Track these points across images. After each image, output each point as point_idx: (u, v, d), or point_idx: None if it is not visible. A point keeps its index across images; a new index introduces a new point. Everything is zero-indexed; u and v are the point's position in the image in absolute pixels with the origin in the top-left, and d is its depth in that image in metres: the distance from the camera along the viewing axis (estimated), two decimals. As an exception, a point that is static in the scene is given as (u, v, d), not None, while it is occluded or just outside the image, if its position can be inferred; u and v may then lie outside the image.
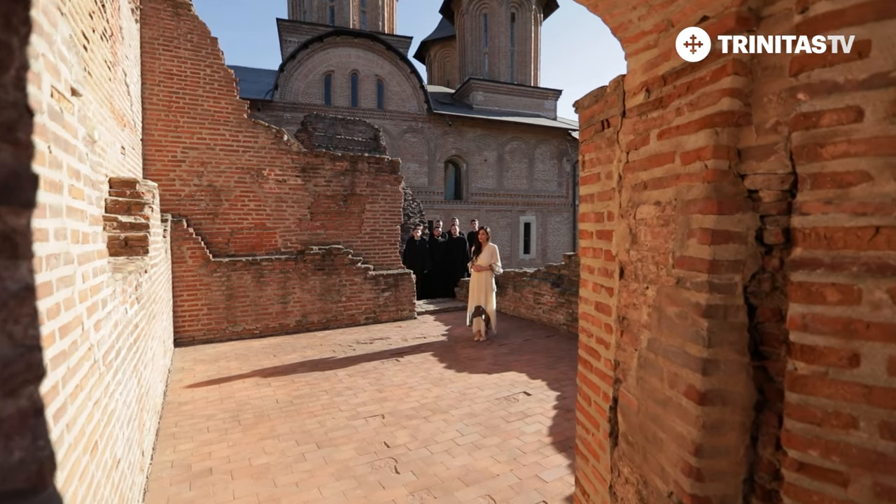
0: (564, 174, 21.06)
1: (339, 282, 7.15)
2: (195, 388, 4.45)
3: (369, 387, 4.54)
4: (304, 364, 5.27)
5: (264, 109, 15.64)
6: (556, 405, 4.08)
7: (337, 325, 7.16)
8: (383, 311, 7.58)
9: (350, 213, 7.47)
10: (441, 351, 5.88)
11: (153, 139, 5.90)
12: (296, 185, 6.99)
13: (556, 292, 7.18)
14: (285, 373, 4.96)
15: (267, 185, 6.77)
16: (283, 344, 6.17)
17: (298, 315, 6.82)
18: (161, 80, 5.88)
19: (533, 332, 6.97)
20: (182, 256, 5.95)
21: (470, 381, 4.73)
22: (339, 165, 7.33)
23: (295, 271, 6.78)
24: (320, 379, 4.76)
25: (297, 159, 6.97)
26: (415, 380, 4.76)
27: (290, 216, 6.97)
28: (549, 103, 21.85)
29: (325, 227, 7.26)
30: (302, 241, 7.08)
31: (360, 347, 6.02)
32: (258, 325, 6.51)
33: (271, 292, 6.59)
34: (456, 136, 18.98)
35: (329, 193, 7.27)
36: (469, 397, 4.26)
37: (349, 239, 7.49)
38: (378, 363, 5.32)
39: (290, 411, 3.91)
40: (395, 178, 7.87)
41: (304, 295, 6.86)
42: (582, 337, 1.96)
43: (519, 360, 5.44)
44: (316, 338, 6.54)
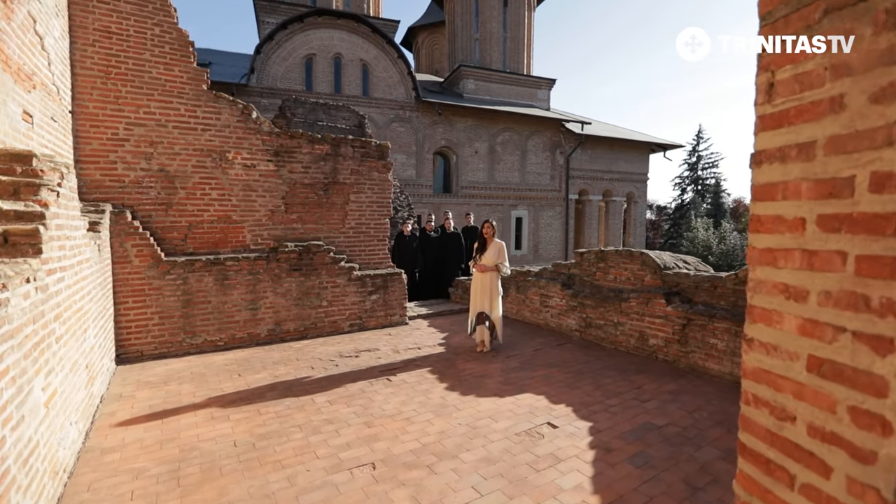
0: (558, 167, 20.30)
1: (318, 284, 6.19)
2: (130, 425, 3.47)
3: (355, 419, 3.62)
4: (275, 387, 4.32)
5: (239, 94, 14.45)
6: (592, 442, 3.22)
7: (317, 334, 6.20)
8: (370, 316, 6.64)
9: (332, 204, 6.50)
10: (440, 366, 4.98)
11: (87, 112, 4.84)
12: (267, 172, 5.99)
13: (567, 294, 6.34)
14: (250, 399, 4.00)
15: (232, 171, 5.75)
16: (251, 358, 5.19)
17: (271, 323, 5.85)
18: (96, 40, 4.81)
19: (542, 339, 6.12)
20: (126, 255, 4.91)
21: (479, 407, 3.84)
22: (319, 149, 6.34)
23: (267, 272, 5.79)
24: (293, 408, 3.82)
25: (268, 141, 5.96)
26: (411, 407, 3.85)
27: (260, 207, 5.97)
28: (542, 93, 21.03)
29: (302, 220, 6.28)
30: (275, 236, 6.09)
31: (343, 362, 5.08)
32: (222, 335, 5.52)
33: (238, 297, 5.60)
34: (445, 126, 18.04)
35: (307, 181, 6.28)
36: (482, 433, 3.37)
37: (331, 234, 6.52)
38: (365, 384, 4.40)
39: (250, 460, 2.97)
40: (384, 165, 6.92)
41: (278, 299, 5.88)
42: (751, 423, 1.07)
43: (533, 378, 4.58)
44: (291, 350, 5.57)
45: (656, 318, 5.17)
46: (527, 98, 20.65)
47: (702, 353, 4.74)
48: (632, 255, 5.74)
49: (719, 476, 2.77)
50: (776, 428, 0.99)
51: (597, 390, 4.24)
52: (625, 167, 21.87)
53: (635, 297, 5.41)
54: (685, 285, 5.19)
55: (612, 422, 3.55)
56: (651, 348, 5.24)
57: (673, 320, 4.99)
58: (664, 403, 3.92)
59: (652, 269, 5.48)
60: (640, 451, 3.08)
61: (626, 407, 3.84)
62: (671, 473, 2.81)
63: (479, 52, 20.76)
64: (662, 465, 2.91)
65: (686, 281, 5.18)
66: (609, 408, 3.83)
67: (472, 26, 20.82)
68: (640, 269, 5.61)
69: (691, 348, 4.83)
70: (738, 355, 4.42)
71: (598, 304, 5.89)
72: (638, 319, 5.38)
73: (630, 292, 5.58)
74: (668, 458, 2.99)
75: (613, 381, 4.47)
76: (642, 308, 5.33)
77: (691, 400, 3.99)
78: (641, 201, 22.83)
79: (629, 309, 5.48)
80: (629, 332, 5.50)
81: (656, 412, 3.73)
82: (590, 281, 6.29)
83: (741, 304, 4.61)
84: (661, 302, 5.12)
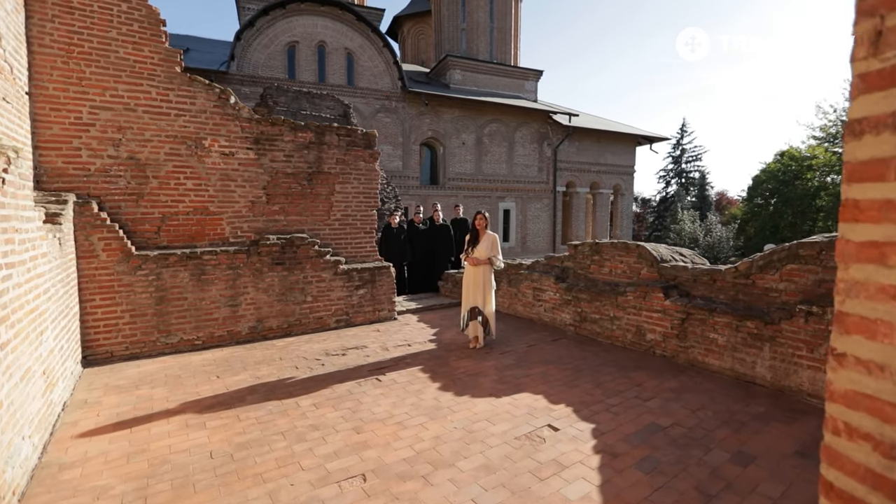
0: (545, 159, 20.16)
1: (303, 278, 5.89)
2: (94, 436, 3.17)
3: (343, 423, 3.38)
4: (257, 389, 4.04)
5: (219, 82, 13.87)
6: (597, 446, 3.04)
7: (301, 331, 5.92)
8: (357, 312, 6.38)
9: (316, 195, 6.19)
10: (431, 364, 4.76)
11: (47, 93, 4.44)
12: (247, 160, 5.65)
13: (562, 288, 6.17)
14: (229, 404, 3.72)
15: (209, 160, 5.40)
16: (230, 358, 4.90)
17: (252, 320, 5.54)
18: (56, 15, 4.40)
19: (536, 334, 5.94)
20: (92, 249, 4.55)
21: (475, 409, 3.63)
22: (302, 137, 6.02)
23: (247, 266, 5.48)
24: (276, 413, 3.56)
25: (248, 128, 5.61)
26: (403, 410, 3.62)
27: (240, 198, 5.63)
28: (529, 84, 20.81)
29: (285, 211, 5.96)
30: (256, 228, 5.76)
31: (329, 361, 4.83)
32: (200, 333, 5.20)
33: (217, 293, 5.28)
34: (432, 116, 17.70)
35: (290, 171, 5.96)
36: (479, 437, 3.17)
37: (315, 226, 6.22)
38: (353, 385, 4.15)
39: (227, 474, 2.71)
40: (371, 155, 6.62)
41: (260, 295, 5.57)
42: (842, 458, 0.86)
43: (529, 376, 4.39)
44: (274, 348, 5.29)
45: (654, 313, 5.03)
46: (514, 89, 20.41)
47: (701, 349, 4.61)
48: (628, 247, 5.58)
49: (733, 482, 2.62)
50: (883, 469, 0.79)
51: (596, 388, 4.07)
52: (612, 159, 21.84)
53: (632, 291, 5.26)
54: (683, 278, 5.05)
55: (616, 423, 3.38)
56: (648, 343, 5.10)
57: (671, 314, 4.85)
58: (666, 402, 3.76)
59: (648, 262, 5.33)
60: (647, 456, 2.91)
61: (628, 406, 3.68)
62: (682, 480, 2.64)
63: (466, 42, 20.41)
64: (672, 470, 2.74)
65: (684, 274, 5.04)
66: (611, 407, 3.66)
67: (458, 16, 20.43)
68: (637, 262, 5.46)
69: (690, 343, 4.69)
70: (739, 351, 4.30)
71: (593, 297, 5.73)
72: (635, 314, 5.23)
73: (626, 286, 5.42)
74: (677, 463, 2.82)
75: (613, 379, 4.30)
76: (639, 302, 5.18)
77: (694, 398, 3.84)
78: (628, 194, 22.86)
79: (626, 303, 5.33)
80: (626, 327, 5.35)
81: (659, 412, 3.58)
82: (584, 274, 6.12)
83: (741, 297, 4.48)
84: (659, 296, 4.97)
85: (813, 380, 3.82)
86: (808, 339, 3.84)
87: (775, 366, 4.06)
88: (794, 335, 3.93)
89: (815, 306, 3.79)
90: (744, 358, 4.27)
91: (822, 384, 3.76)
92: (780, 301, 4.23)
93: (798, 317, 3.89)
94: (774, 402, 3.77)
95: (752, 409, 3.63)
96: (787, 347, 3.97)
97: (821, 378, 3.77)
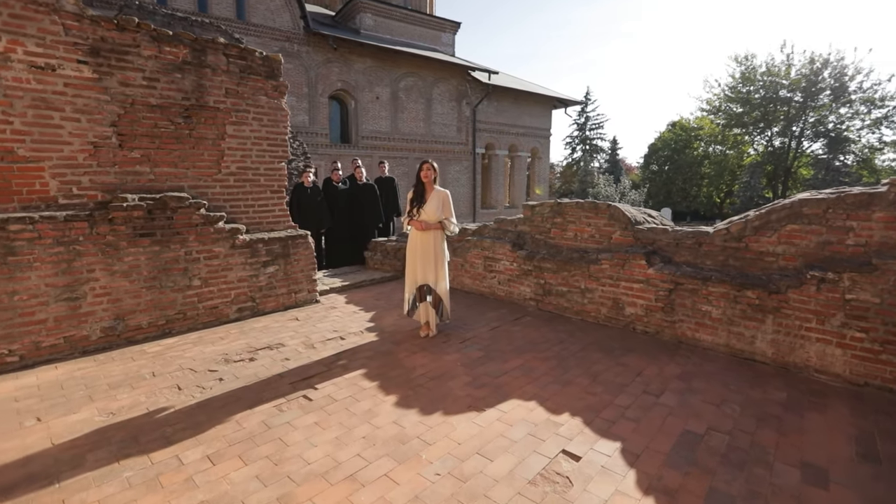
0: (464, 118, 19.13)
1: (185, 255, 4.25)
2: None
3: (261, 491, 2.11)
4: (106, 440, 2.54)
5: None
6: (640, 481, 2.17)
7: (187, 328, 4.32)
8: (267, 296, 4.89)
9: (199, 138, 4.46)
10: (377, 365, 3.58)
11: None
12: (80, 81, 3.75)
13: (520, 257, 5.27)
14: (47, 479, 2.21)
15: (9, 74, 3.44)
16: (69, 381, 3.24)
17: (107, 318, 3.83)
18: None
19: (493, 313, 5.02)
20: None
21: (456, 435, 2.57)
22: (171, 53, 4.20)
23: (92, 240, 3.71)
24: (139, 486, 2.15)
25: (77, 29, 3.68)
26: (353, 450, 2.43)
27: (72, 138, 3.75)
28: (446, 37, 19.34)
29: (151, 160, 4.18)
30: (104, 184, 3.95)
31: (231, 372, 3.41)
32: (13, 346, 3.41)
33: (40, 282, 3.49)
34: (341, 65, 15.57)
35: (155, 102, 4.15)
36: (480, 489, 2.12)
37: (200, 182, 4.52)
38: (272, 411, 2.84)
39: None
40: (275, 87, 4.97)
41: (117, 281, 3.86)
42: None
43: (508, 372, 3.44)
44: (145, 357, 3.69)
45: (635, 283, 4.34)
46: (430, 41, 18.82)
47: (692, 323, 4.01)
48: (597, 207, 4.80)
49: (840, 523, 1.90)
50: None
51: (594, 384, 3.24)
52: (529, 122, 21.50)
53: (607, 259, 4.51)
54: (662, 243, 4.40)
55: (642, 436, 2.56)
56: (627, 318, 4.43)
57: (656, 285, 4.19)
58: (681, 396, 3.05)
59: (622, 225, 4.61)
60: (711, 489, 2.11)
61: (644, 407, 2.89)
62: (777, 528, 1.87)
63: (378, -19, 18.15)
64: (754, 511, 1.97)
65: (664, 237, 4.39)
66: (624, 412, 2.84)
67: (368, -51, 17.99)
68: (607, 225, 4.72)
69: (679, 317, 4.08)
70: (736, 324, 3.75)
71: (559, 267, 4.92)
72: (612, 285, 4.51)
73: (598, 252, 4.67)
74: (753, 497, 2.06)
75: (606, 368, 3.52)
76: (617, 271, 4.46)
77: (708, 387, 3.19)
78: (545, 157, 22.90)
79: (600, 272, 4.58)
80: (599, 301, 4.63)
81: (682, 412, 2.84)
82: (543, 240, 5.28)
83: (732, 263, 3.93)
84: (642, 263, 4.28)
85: (822, 354, 3.36)
86: (818, 310, 3.36)
87: (778, 340, 3.56)
88: (803, 305, 3.42)
89: (829, 272, 3.29)
90: (742, 332, 3.74)
91: (833, 359, 3.32)
92: (776, 266, 3.71)
93: (809, 284, 3.37)
94: (786, 383, 3.26)
95: (773, 396, 3.06)
96: (794, 319, 3.47)
97: (831, 352, 3.32)
